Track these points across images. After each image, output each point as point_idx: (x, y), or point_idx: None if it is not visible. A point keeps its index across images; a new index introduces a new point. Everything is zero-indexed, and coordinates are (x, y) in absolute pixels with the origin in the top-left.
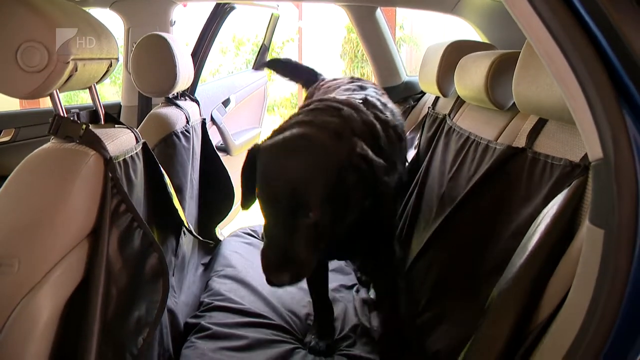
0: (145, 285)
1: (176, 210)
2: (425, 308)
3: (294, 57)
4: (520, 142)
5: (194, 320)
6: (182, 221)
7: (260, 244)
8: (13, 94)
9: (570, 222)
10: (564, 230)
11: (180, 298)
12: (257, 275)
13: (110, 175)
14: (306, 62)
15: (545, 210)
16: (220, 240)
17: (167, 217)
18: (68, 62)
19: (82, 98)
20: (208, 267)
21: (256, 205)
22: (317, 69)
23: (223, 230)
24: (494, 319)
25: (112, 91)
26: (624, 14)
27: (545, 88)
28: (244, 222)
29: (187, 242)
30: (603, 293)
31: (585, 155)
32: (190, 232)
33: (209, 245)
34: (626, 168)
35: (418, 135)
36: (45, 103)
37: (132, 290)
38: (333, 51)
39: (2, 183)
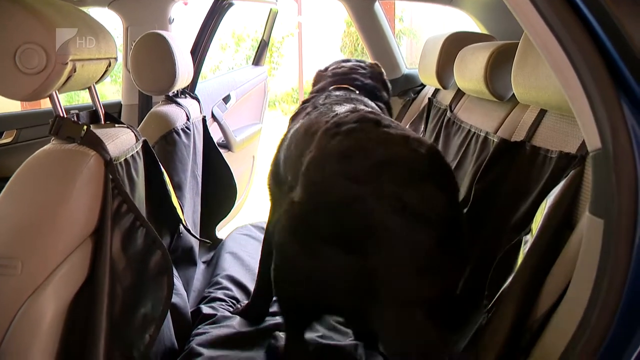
0: (150, 282)
1: (174, 208)
2: None
3: (294, 52)
4: (520, 135)
5: (204, 311)
6: (180, 219)
7: None
8: (12, 96)
9: (568, 213)
10: (562, 222)
11: (184, 293)
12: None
13: (110, 176)
14: (306, 56)
15: (543, 203)
16: (220, 240)
17: (165, 215)
18: (66, 63)
19: (83, 98)
20: (210, 264)
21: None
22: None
23: (222, 230)
24: (495, 314)
25: (112, 90)
26: (621, 4)
27: (543, 79)
28: (245, 220)
29: (194, 239)
30: (604, 283)
31: (581, 146)
32: (188, 230)
33: (207, 244)
34: (625, 157)
35: (422, 127)
36: (47, 104)
37: (137, 288)
38: (333, 45)
39: (5, 185)
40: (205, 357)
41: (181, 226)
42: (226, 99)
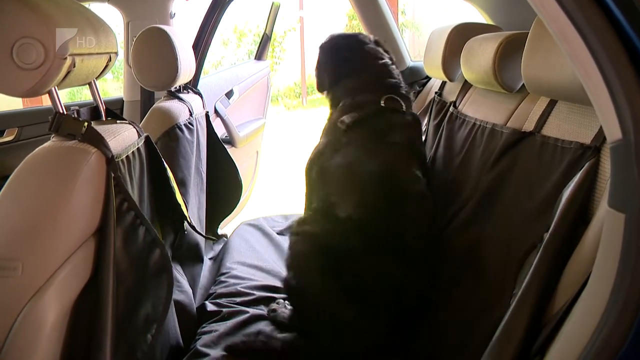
0: (150, 281)
1: (178, 205)
2: (442, 301)
3: (296, 47)
4: (530, 126)
5: (209, 308)
6: (184, 216)
7: (275, 236)
8: (10, 92)
9: (584, 206)
10: (578, 215)
11: (189, 290)
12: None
13: (112, 174)
14: (309, 50)
15: (560, 196)
16: (221, 236)
17: (169, 212)
18: (65, 58)
19: (85, 95)
20: (216, 260)
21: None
22: None
23: (227, 226)
24: (511, 312)
25: (115, 87)
26: None
27: (556, 68)
28: (249, 216)
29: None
30: (625, 279)
31: (596, 136)
32: (192, 227)
33: (213, 241)
34: None
35: (425, 122)
36: (49, 101)
37: (139, 288)
38: None
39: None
40: (211, 357)
41: (186, 223)
42: (229, 94)
